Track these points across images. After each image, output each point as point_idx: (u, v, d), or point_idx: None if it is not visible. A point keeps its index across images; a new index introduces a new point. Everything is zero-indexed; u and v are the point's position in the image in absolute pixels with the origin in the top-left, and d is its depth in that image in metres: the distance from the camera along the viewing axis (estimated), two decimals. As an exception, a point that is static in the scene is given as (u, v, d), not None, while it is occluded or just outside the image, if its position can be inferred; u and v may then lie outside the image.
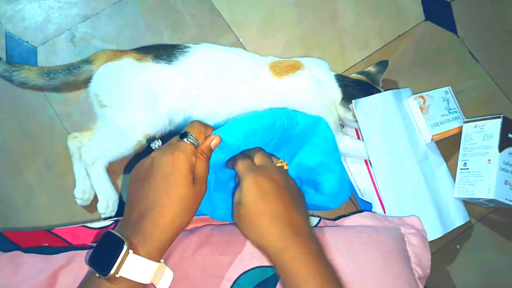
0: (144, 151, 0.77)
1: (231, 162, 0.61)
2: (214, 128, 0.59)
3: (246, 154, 0.61)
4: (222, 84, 0.78)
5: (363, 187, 0.83)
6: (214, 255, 0.60)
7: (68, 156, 0.81)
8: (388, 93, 0.82)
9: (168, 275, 0.49)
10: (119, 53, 0.79)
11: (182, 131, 0.54)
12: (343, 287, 0.52)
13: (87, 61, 0.79)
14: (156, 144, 0.57)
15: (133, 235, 0.46)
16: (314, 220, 0.75)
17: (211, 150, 0.56)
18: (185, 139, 0.53)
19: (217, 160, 0.59)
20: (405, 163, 0.81)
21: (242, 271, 0.58)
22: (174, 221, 0.48)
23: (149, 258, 0.46)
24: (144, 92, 0.75)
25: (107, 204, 0.77)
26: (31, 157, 0.83)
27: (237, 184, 0.58)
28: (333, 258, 0.59)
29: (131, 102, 0.75)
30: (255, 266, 0.59)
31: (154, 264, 0.47)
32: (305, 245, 0.52)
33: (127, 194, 0.53)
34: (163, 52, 0.78)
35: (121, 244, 0.45)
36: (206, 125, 0.57)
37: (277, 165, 0.60)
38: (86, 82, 0.80)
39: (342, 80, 0.81)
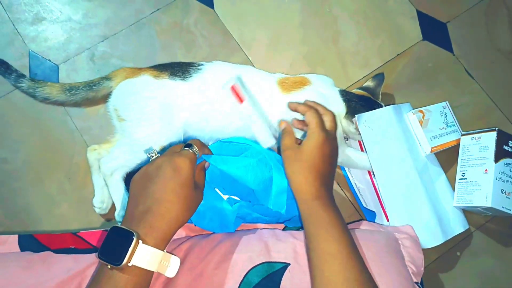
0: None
1: (303, 106, 0.74)
2: (210, 150, 0.67)
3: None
4: (232, 100, 0.83)
5: (367, 197, 0.88)
6: (226, 254, 0.64)
7: (88, 168, 0.85)
8: (389, 108, 0.87)
9: (174, 262, 0.54)
10: (137, 71, 0.84)
11: (187, 143, 0.61)
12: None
13: (107, 78, 0.84)
14: (153, 153, 0.63)
15: (140, 227, 0.50)
16: None
17: (205, 169, 0.65)
18: (189, 149, 0.59)
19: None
20: (406, 174, 0.85)
21: (251, 266, 0.63)
22: (178, 217, 0.54)
23: (156, 248, 0.50)
24: (160, 107, 0.80)
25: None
26: (53, 169, 0.87)
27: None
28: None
29: (149, 116, 0.80)
30: (262, 261, 0.63)
31: (160, 253, 0.51)
32: (329, 196, 0.63)
33: (129, 195, 0.57)
34: (178, 69, 0.83)
35: (131, 236, 0.49)
36: (203, 144, 0.65)
37: None
38: (105, 97, 0.85)
39: (346, 95, 0.86)
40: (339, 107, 0.85)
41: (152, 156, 0.62)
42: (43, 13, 0.95)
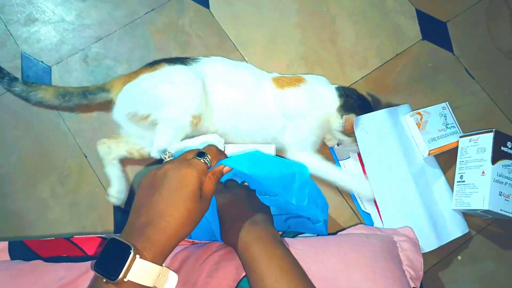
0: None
1: None
2: (227, 155, 0.62)
3: None
4: (228, 93, 0.82)
5: (365, 200, 0.86)
6: (220, 262, 0.63)
7: (80, 171, 0.85)
8: (384, 111, 0.86)
9: (172, 278, 0.52)
10: (133, 74, 0.82)
11: (200, 150, 0.58)
12: (299, 266, 0.57)
13: (103, 89, 0.82)
14: (167, 155, 0.60)
15: (138, 240, 0.48)
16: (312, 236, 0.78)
17: (222, 175, 0.60)
18: (201, 159, 0.56)
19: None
20: (401, 178, 0.84)
21: (243, 274, 0.61)
22: (179, 231, 0.51)
23: (153, 262, 0.49)
24: (170, 84, 0.79)
25: None
26: (45, 172, 0.86)
27: None
28: (324, 258, 0.63)
29: (164, 95, 0.79)
30: None
31: (158, 268, 0.49)
32: (258, 231, 0.60)
33: (134, 199, 0.55)
34: (176, 59, 0.83)
35: (128, 249, 0.47)
36: (221, 151, 0.61)
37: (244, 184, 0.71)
38: (100, 105, 0.84)
39: (344, 91, 0.84)
40: (333, 102, 0.83)
41: (165, 158, 0.60)
42: (36, 14, 0.94)
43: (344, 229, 0.80)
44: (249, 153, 0.65)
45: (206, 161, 0.56)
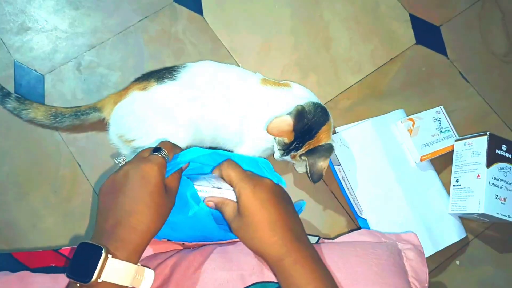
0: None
1: (218, 169, 0.62)
2: (182, 148, 0.62)
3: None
4: (215, 94, 0.79)
5: (360, 205, 0.85)
6: (215, 271, 0.61)
7: (73, 180, 0.84)
8: (369, 121, 0.86)
9: (148, 275, 0.51)
10: (124, 92, 0.80)
11: (155, 146, 0.58)
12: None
13: (95, 108, 0.81)
14: (122, 159, 0.60)
15: (110, 241, 0.48)
16: (313, 239, 0.77)
17: (182, 170, 0.60)
18: (158, 153, 0.56)
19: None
20: (389, 186, 0.83)
21: (242, 287, 0.59)
22: (150, 227, 0.51)
23: (128, 261, 0.48)
24: (162, 112, 0.77)
25: None
26: (38, 182, 0.85)
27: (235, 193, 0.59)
28: (330, 272, 0.60)
29: (154, 126, 0.77)
30: (255, 282, 0.60)
31: (133, 267, 0.49)
32: (304, 250, 0.55)
33: (97, 206, 0.54)
34: (165, 72, 0.80)
35: (99, 250, 0.46)
36: (175, 145, 0.61)
37: None
38: (93, 125, 0.83)
39: (314, 109, 0.74)
40: (288, 106, 0.74)
41: (121, 162, 0.60)
42: (29, 22, 0.93)
43: (345, 233, 0.79)
44: (205, 150, 0.64)
45: (164, 155, 0.56)
